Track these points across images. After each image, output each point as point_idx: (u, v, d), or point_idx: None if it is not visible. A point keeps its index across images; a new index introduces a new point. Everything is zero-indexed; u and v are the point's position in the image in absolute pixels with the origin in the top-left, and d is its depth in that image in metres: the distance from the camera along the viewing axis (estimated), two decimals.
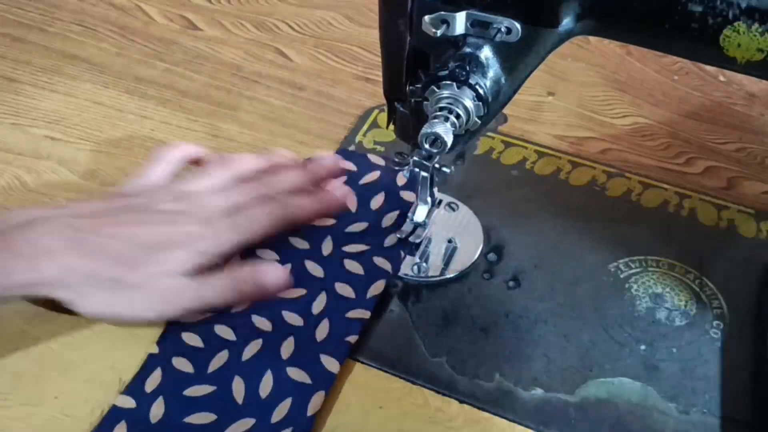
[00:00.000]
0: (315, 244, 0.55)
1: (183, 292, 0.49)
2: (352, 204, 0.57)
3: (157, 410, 0.47)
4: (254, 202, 0.52)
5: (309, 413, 0.47)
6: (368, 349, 0.51)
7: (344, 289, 0.53)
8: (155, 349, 0.50)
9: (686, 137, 0.67)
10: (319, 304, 0.52)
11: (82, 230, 0.48)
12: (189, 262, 0.49)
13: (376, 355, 0.50)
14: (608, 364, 0.50)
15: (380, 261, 0.54)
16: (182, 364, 0.49)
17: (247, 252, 0.53)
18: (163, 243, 0.49)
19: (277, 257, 0.54)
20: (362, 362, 0.50)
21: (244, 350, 0.49)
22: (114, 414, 0.47)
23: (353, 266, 0.54)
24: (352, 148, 0.64)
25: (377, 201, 0.58)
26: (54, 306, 0.49)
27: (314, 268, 0.54)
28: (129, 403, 0.47)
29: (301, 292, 0.52)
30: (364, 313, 0.51)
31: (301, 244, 0.55)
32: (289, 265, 0.53)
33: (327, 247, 0.55)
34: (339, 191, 0.57)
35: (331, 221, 0.57)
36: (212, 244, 0.50)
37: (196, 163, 0.58)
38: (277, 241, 0.54)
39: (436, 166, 0.53)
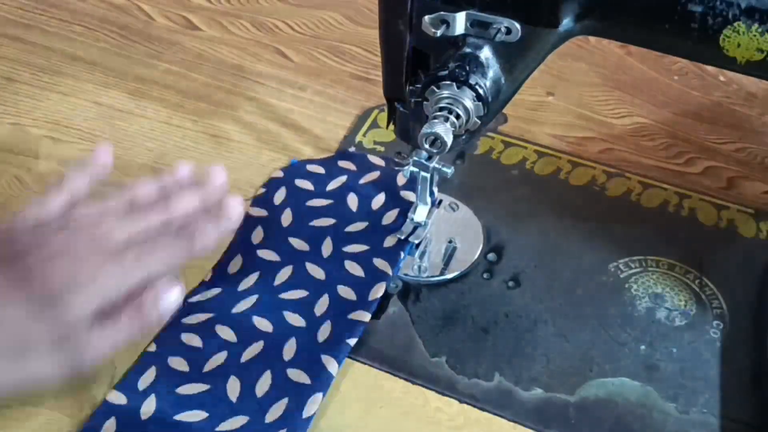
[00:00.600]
0: (314, 245, 0.55)
1: (95, 343, 0.41)
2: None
3: (148, 407, 0.47)
4: (158, 232, 0.45)
5: (305, 415, 0.46)
6: (368, 349, 0.51)
7: (346, 292, 0.53)
8: (153, 348, 0.50)
9: (686, 137, 0.67)
10: (321, 306, 0.52)
11: None
12: (95, 304, 0.41)
13: (376, 355, 0.50)
14: (608, 364, 0.50)
15: (380, 263, 0.54)
16: (178, 363, 0.49)
17: (247, 250, 0.55)
18: (65, 287, 0.41)
19: (278, 258, 0.54)
20: (362, 362, 0.50)
21: (245, 351, 0.49)
22: (105, 408, 0.47)
23: (354, 268, 0.54)
24: (352, 148, 0.64)
25: (378, 201, 0.58)
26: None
27: (315, 270, 0.54)
28: (120, 399, 0.47)
29: (302, 293, 0.53)
30: (365, 315, 0.51)
31: (301, 245, 0.55)
32: (179, 288, 0.44)
33: (327, 248, 0.55)
34: (232, 208, 0.47)
35: (331, 221, 0.57)
36: (118, 281, 0.42)
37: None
38: (277, 242, 0.55)
39: (437, 166, 0.53)
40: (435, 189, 0.55)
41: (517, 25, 0.41)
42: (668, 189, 0.61)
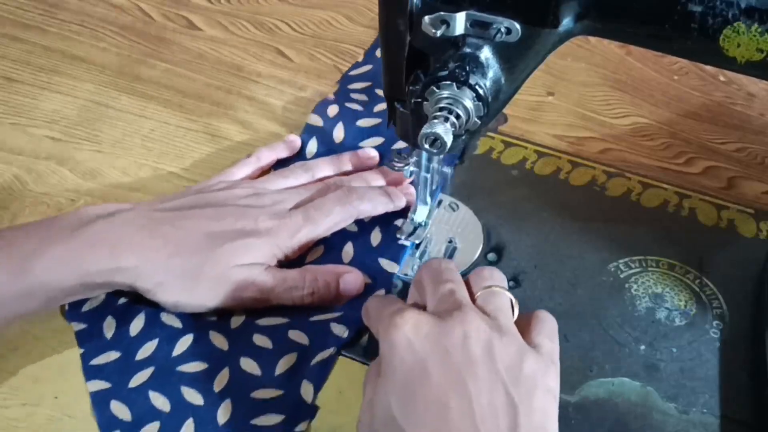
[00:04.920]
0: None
1: (258, 283, 0.50)
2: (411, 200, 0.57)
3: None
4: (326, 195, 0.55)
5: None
6: (368, 349, 0.51)
7: (248, 365, 0.49)
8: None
9: (686, 137, 0.67)
10: (220, 381, 0.48)
11: (161, 222, 0.50)
12: (265, 254, 0.50)
13: (376, 355, 0.50)
14: (608, 364, 0.50)
15: (296, 334, 0.50)
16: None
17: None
18: (240, 236, 0.50)
19: (181, 326, 0.51)
20: (362, 362, 0.50)
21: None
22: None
23: (261, 341, 0.50)
24: None
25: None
26: (137, 297, 0.50)
27: (219, 340, 0.50)
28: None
29: (203, 366, 0.49)
30: (273, 392, 0.48)
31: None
32: (359, 275, 0.53)
33: (236, 320, 0.52)
34: (408, 190, 0.58)
35: None
36: (287, 237, 0.52)
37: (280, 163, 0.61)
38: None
39: (436, 165, 0.53)
40: (434, 188, 0.55)
41: (517, 25, 0.41)
42: (668, 189, 0.61)
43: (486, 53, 0.43)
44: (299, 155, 0.62)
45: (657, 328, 0.52)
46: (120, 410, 0.47)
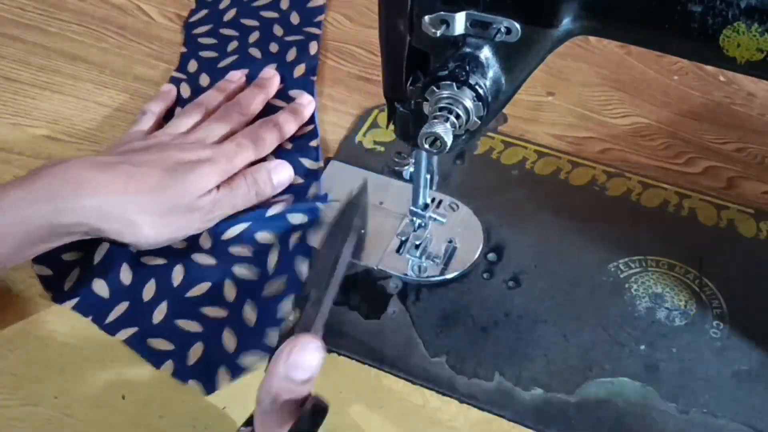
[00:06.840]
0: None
1: (219, 205, 0.55)
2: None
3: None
4: (246, 126, 0.61)
5: None
6: (368, 349, 0.51)
7: (243, 272, 0.54)
8: None
9: (686, 137, 0.67)
10: (230, 292, 0.53)
11: (120, 162, 0.52)
12: (216, 179, 0.55)
13: (376, 355, 0.50)
14: (608, 364, 0.50)
15: (262, 236, 0.56)
16: None
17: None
18: (193, 166, 0.54)
19: (166, 261, 0.55)
20: (362, 362, 0.50)
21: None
22: None
23: (239, 250, 0.55)
24: (352, 147, 0.64)
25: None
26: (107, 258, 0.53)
27: (206, 260, 0.55)
28: None
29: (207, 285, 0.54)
30: (280, 283, 0.53)
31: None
32: (287, 164, 0.60)
33: (205, 240, 0.56)
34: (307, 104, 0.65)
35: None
36: (226, 162, 0.56)
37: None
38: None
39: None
40: (433, 189, 0.55)
41: (517, 25, 0.41)
42: (668, 189, 0.61)
43: (486, 53, 0.43)
44: (178, 103, 0.67)
45: (657, 328, 0.52)
46: (160, 344, 0.51)
